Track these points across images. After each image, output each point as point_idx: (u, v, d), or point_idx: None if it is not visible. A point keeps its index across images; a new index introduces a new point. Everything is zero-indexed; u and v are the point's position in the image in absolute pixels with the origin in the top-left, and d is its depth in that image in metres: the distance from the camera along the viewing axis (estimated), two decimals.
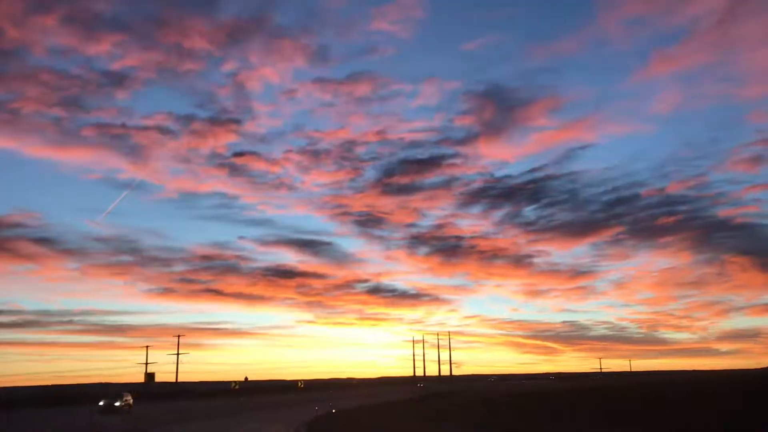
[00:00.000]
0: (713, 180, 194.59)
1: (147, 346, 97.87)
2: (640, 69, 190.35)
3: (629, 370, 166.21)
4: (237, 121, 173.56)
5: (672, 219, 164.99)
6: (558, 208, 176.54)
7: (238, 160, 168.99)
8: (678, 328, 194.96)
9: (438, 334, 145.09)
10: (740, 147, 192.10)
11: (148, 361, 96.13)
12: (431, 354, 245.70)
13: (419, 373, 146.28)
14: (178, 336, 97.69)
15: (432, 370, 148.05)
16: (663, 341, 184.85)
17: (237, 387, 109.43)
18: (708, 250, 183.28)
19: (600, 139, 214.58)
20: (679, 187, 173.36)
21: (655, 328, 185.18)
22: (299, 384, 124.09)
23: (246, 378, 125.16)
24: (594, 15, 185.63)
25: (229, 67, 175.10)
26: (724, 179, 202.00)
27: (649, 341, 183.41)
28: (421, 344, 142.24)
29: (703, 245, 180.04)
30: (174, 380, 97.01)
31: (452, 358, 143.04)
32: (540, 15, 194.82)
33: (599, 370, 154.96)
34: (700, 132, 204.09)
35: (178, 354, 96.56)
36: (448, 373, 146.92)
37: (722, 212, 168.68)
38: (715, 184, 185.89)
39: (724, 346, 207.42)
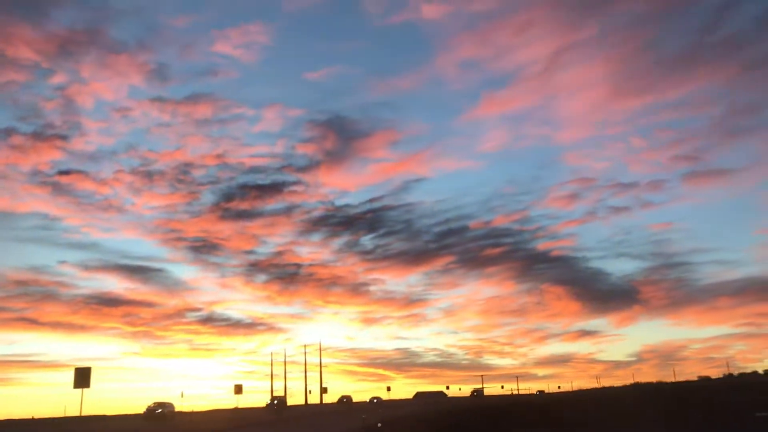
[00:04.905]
0: (534, 215, 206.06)
1: None
2: (471, 109, 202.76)
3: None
4: (64, 137, 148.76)
5: (497, 250, 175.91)
6: (394, 238, 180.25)
7: (63, 179, 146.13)
8: (501, 354, 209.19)
9: (305, 348, 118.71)
10: (558, 185, 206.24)
11: None
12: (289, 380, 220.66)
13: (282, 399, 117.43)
14: None
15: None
16: (487, 367, 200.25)
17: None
18: (528, 280, 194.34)
19: (433, 173, 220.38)
20: (504, 220, 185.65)
21: (480, 354, 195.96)
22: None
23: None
24: (432, 55, 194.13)
25: (58, 80, 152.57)
26: (543, 214, 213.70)
27: (474, 367, 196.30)
28: (282, 366, 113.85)
29: (525, 275, 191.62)
30: None
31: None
32: (382, 51, 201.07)
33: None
34: (523, 170, 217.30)
35: None
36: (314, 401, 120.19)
37: (541, 245, 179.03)
38: (536, 218, 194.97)
39: (542, 371, 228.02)
